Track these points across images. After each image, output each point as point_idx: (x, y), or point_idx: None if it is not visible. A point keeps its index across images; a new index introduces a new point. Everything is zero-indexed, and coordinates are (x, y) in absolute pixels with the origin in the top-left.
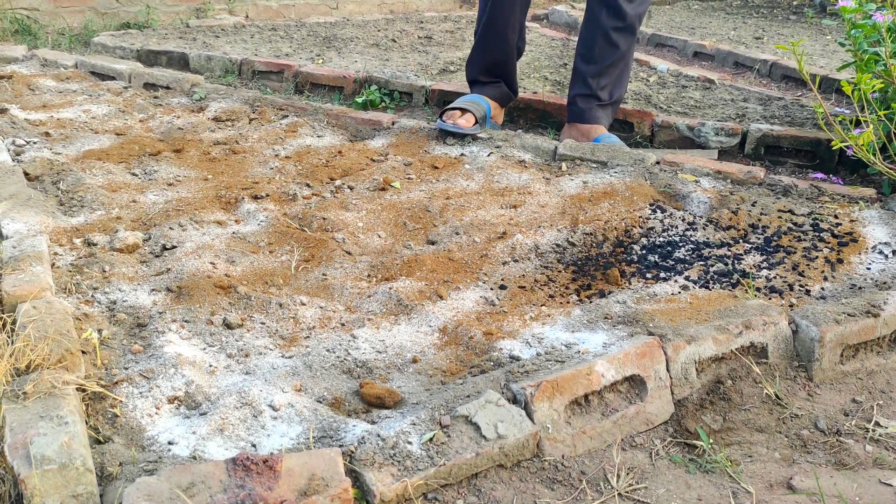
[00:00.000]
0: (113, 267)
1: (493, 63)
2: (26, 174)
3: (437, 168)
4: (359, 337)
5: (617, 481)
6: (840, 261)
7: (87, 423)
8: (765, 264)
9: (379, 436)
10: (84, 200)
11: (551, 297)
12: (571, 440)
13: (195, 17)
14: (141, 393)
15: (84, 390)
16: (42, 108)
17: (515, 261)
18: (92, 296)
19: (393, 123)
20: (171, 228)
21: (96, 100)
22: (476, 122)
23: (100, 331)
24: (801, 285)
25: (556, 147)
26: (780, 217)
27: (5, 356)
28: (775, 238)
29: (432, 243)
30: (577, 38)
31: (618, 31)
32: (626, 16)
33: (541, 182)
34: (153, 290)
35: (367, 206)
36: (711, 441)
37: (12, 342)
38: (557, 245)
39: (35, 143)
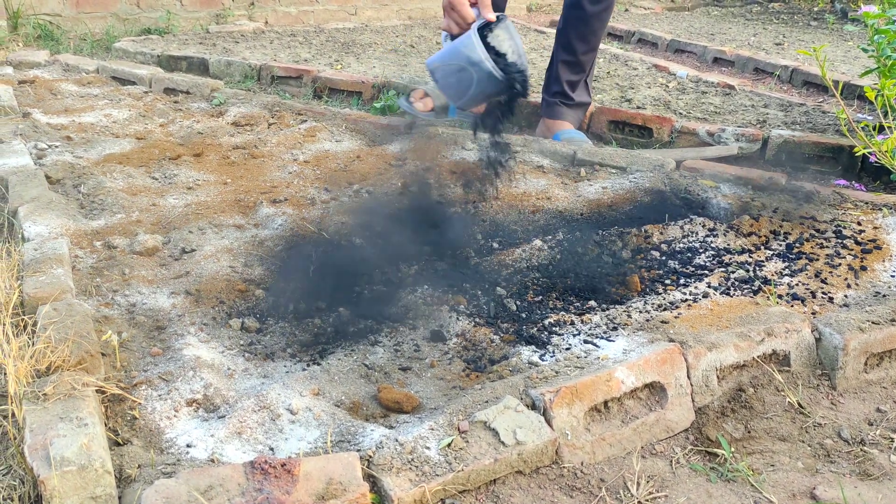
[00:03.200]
0: (132, 270)
1: None
2: (48, 177)
3: (454, 173)
4: (378, 342)
5: (637, 489)
6: (864, 268)
7: (106, 425)
8: (787, 271)
9: (397, 440)
10: (104, 204)
11: (570, 302)
12: (591, 447)
13: (215, 22)
14: (160, 395)
15: (103, 392)
16: (64, 113)
17: (534, 267)
18: (112, 298)
19: (411, 128)
20: (190, 232)
21: (117, 104)
22: (433, 109)
23: (119, 333)
24: (823, 292)
25: (574, 152)
26: (802, 223)
27: (26, 357)
28: (797, 245)
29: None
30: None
31: (583, 23)
32: (587, 11)
33: (559, 187)
34: (172, 292)
35: (385, 210)
36: (733, 449)
37: (33, 344)
38: (577, 250)
39: (57, 146)
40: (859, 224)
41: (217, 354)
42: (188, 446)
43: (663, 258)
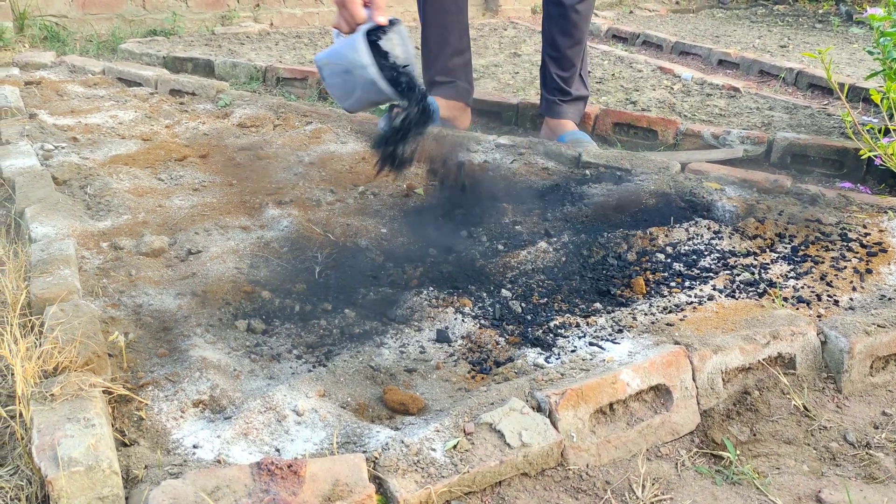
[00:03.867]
0: (139, 271)
1: (442, 63)
2: (54, 178)
3: (460, 174)
4: (384, 344)
5: (642, 492)
6: (869, 271)
7: (113, 426)
8: (792, 274)
9: (403, 442)
10: (111, 205)
11: (576, 304)
12: (596, 449)
13: (221, 24)
14: (166, 396)
15: (110, 393)
16: (70, 114)
17: (539, 269)
18: (118, 299)
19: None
20: (196, 233)
21: (123, 105)
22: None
23: (126, 334)
24: (829, 295)
25: (579, 154)
26: (807, 226)
27: (33, 358)
28: (803, 247)
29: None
30: (602, 46)
31: (563, 17)
32: (565, 4)
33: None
34: (178, 294)
35: (390, 212)
36: (738, 452)
37: (40, 344)
38: (582, 253)
39: (63, 147)
40: (865, 227)
41: (223, 355)
42: (195, 447)
43: (668, 260)
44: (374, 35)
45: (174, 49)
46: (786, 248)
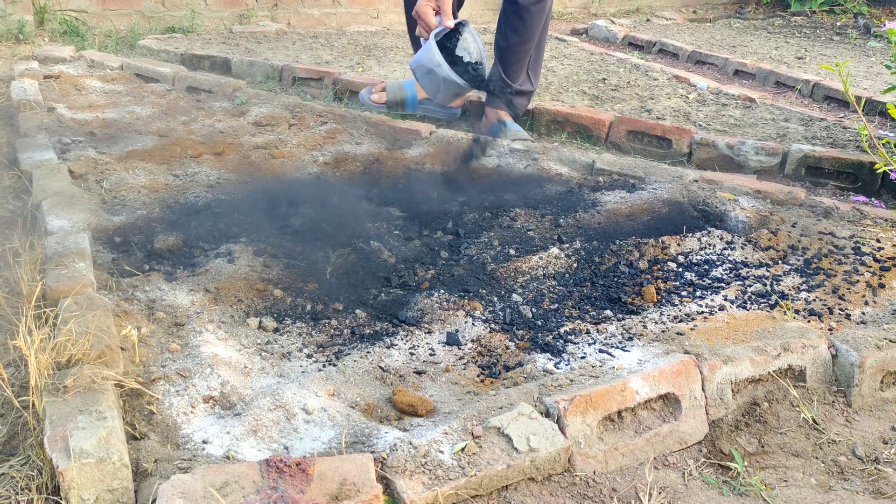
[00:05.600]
0: (153, 266)
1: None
2: (71, 172)
3: (473, 178)
4: (394, 345)
5: (648, 500)
6: (882, 285)
7: (124, 419)
8: (804, 286)
9: (411, 444)
10: (126, 200)
11: (586, 311)
12: (603, 456)
13: (238, 23)
14: (177, 391)
15: (122, 386)
16: (88, 108)
17: (551, 275)
18: (132, 294)
19: (430, 133)
20: (210, 230)
21: (140, 101)
22: (385, 102)
23: (139, 328)
24: (841, 309)
25: (593, 161)
26: (820, 239)
27: (47, 350)
28: (815, 260)
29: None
30: (618, 53)
31: (516, 15)
32: (520, 3)
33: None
34: (191, 290)
35: (402, 212)
36: (746, 463)
37: (54, 336)
38: (594, 259)
39: (80, 141)
40: (878, 241)
41: (234, 352)
42: (204, 442)
43: (680, 270)
44: (452, 39)
45: (192, 46)
46: (798, 260)
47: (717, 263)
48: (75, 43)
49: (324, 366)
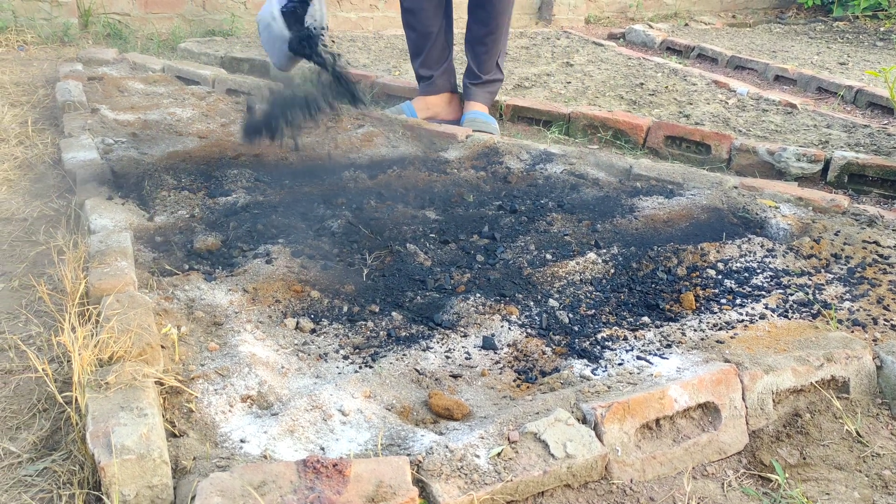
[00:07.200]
0: (192, 265)
1: (424, 59)
2: (113, 172)
3: (508, 182)
4: (430, 348)
5: None
6: None
7: (163, 417)
8: (847, 296)
9: (447, 447)
10: (167, 200)
11: (624, 317)
12: (641, 465)
13: None
14: (216, 390)
15: (162, 384)
16: (130, 110)
17: (588, 280)
18: (172, 293)
19: (467, 137)
20: (248, 231)
21: (181, 103)
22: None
23: (178, 327)
24: (885, 319)
25: (630, 166)
26: (864, 248)
27: (90, 346)
28: (859, 269)
29: (501, 256)
30: (655, 58)
31: (480, 7)
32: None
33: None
34: (230, 290)
35: (438, 216)
36: (787, 475)
37: (96, 333)
38: (632, 265)
39: (123, 142)
40: None
41: (272, 352)
42: (242, 441)
43: (719, 277)
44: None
45: (231, 49)
46: (842, 269)
47: (758, 271)
48: (118, 45)
49: (360, 367)
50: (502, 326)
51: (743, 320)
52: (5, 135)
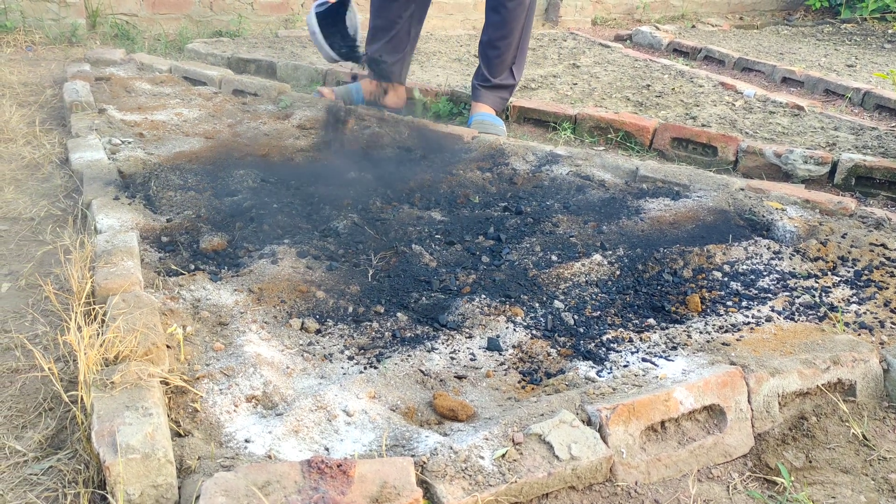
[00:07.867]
0: (198, 266)
1: (381, 43)
2: (120, 172)
3: (514, 183)
4: (435, 349)
5: None
6: None
7: (168, 416)
8: (854, 299)
9: (451, 448)
10: (173, 200)
11: (629, 319)
12: (646, 467)
13: (284, 27)
14: (221, 390)
15: (167, 384)
16: (137, 110)
17: (593, 282)
18: (177, 293)
19: (472, 138)
20: (254, 231)
21: (188, 104)
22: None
23: (184, 327)
24: (893, 322)
25: (637, 168)
26: (871, 250)
27: (95, 346)
28: (866, 272)
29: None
30: (662, 60)
31: (494, 11)
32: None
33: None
34: (235, 290)
35: (444, 217)
36: (793, 479)
37: (102, 333)
38: (637, 267)
39: (129, 142)
40: None
41: (277, 353)
42: (246, 441)
43: (725, 279)
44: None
45: (238, 50)
46: (848, 272)
47: (764, 273)
48: (126, 46)
49: (365, 368)
50: (507, 328)
51: (749, 323)
52: (13, 135)
